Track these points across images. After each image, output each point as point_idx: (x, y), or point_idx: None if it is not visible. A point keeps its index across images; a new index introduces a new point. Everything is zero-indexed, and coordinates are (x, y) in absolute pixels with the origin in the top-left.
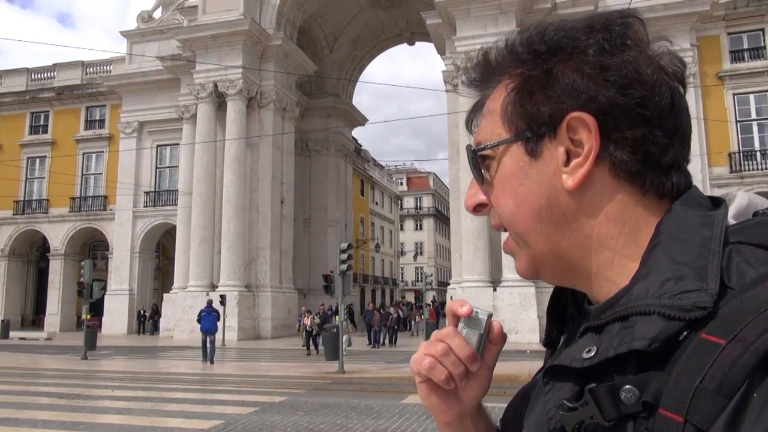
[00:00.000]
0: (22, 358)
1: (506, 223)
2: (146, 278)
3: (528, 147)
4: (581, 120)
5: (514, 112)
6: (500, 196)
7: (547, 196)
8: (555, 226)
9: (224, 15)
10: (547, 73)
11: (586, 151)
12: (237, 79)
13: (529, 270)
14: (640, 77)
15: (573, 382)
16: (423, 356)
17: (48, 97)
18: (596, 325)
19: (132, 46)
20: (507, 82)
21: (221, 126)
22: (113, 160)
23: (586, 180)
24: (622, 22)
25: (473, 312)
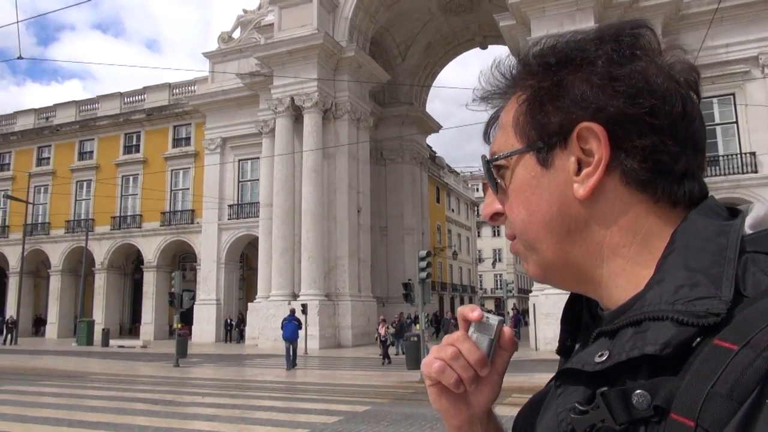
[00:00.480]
0: (120, 365)
1: (518, 231)
2: (231, 288)
3: (539, 157)
4: (591, 130)
5: (525, 123)
6: (513, 205)
7: (558, 205)
8: (566, 234)
9: (299, 31)
10: (557, 84)
11: (596, 160)
12: (313, 92)
13: (538, 274)
14: (649, 87)
15: (585, 385)
16: (433, 359)
17: (139, 118)
18: (609, 329)
19: (214, 66)
20: (519, 94)
21: (298, 138)
22: (199, 175)
23: (598, 189)
24: (631, 32)
25: (484, 317)
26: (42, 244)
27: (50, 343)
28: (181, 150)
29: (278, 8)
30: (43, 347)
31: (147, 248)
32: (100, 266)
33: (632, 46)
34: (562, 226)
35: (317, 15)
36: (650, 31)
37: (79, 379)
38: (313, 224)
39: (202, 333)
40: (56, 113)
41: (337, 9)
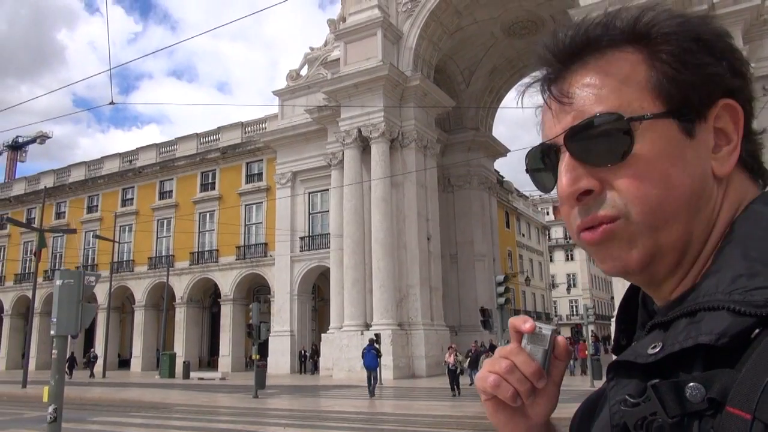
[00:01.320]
0: (202, 397)
1: (643, 209)
2: (305, 319)
3: (684, 126)
4: (732, 108)
5: (669, 85)
6: (642, 178)
7: (701, 181)
8: (696, 213)
9: (364, 63)
10: (702, 49)
11: (737, 138)
12: (379, 122)
13: (641, 263)
14: (748, 71)
15: (638, 378)
16: (488, 374)
17: (214, 157)
18: (663, 321)
19: (283, 103)
20: (646, 52)
21: (366, 169)
22: (271, 209)
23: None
24: (711, 17)
25: (536, 328)
26: (127, 280)
27: (135, 375)
28: (253, 185)
29: (344, 43)
30: (129, 380)
31: (223, 282)
32: (180, 300)
33: (722, 32)
34: (698, 204)
35: (381, 47)
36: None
37: (165, 410)
38: (383, 253)
39: (277, 364)
40: (138, 156)
41: (401, 40)
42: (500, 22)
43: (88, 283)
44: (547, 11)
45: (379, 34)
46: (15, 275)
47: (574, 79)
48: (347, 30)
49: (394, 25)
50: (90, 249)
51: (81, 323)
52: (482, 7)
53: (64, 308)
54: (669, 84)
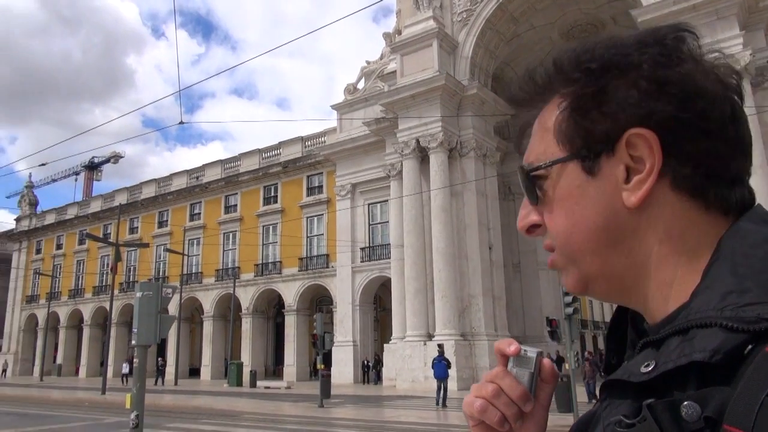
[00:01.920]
0: (268, 405)
1: (559, 243)
2: (367, 329)
3: (585, 165)
4: (641, 136)
5: (569, 131)
6: (555, 216)
7: (605, 215)
8: (612, 245)
9: (421, 74)
10: (601, 90)
11: (648, 167)
12: (437, 132)
13: (578, 287)
14: (699, 90)
15: (631, 398)
16: (474, 398)
17: (276, 171)
18: (655, 339)
19: (341, 116)
20: (559, 100)
21: (425, 179)
22: (332, 220)
23: (648, 197)
24: (674, 36)
25: (521, 351)
26: (196, 291)
27: (205, 383)
28: (314, 198)
29: (400, 55)
30: (199, 388)
31: (287, 293)
32: (246, 311)
33: (677, 50)
34: (608, 237)
35: (438, 57)
36: (691, 35)
37: (234, 417)
38: (444, 263)
39: (341, 374)
40: (204, 172)
41: (457, 49)
42: (558, 26)
43: (166, 294)
44: (608, 13)
45: (435, 44)
46: (93, 287)
47: (531, 127)
48: (403, 42)
49: (449, 35)
50: (161, 262)
51: (159, 333)
52: (539, 13)
53: (144, 319)
54: (566, 129)
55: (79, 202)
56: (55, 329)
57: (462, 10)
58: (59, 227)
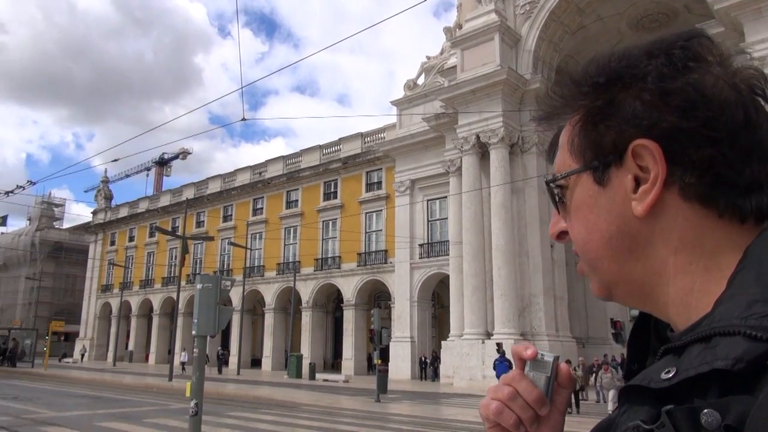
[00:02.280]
0: (327, 398)
1: (579, 250)
2: (424, 326)
3: (596, 176)
4: (645, 147)
5: (579, 144)
6: (573, 225)
7: (617, 224)
8: (627, 253)
9: (482, 69)
10: (608, 102)
11: (652, 177)
12: (498, 127)
13: (602, 293)
14: (704, 98)
15: (650, 404)
16: (490, 401)
17: (336, 167)
18: (676, 346)
19: (401, 112)
20: (573, 115)
21: (485, 175)
22: (390, 216)
23: (658, 206)
24: (683, 44)
25: (538, 355)
26: (258, 284)
27: (265, 374)
28: (373, 194)
29: (460, 50)
30: (260, 378)
31: (346, 287)
32: (306, 305)
33: (685, 58)
34: (622, 245)
35: (499, 51)
36: (706, 40)
37: (293, 408)
38: (504, 261)
39: (398, 369)
40: (267, 168)
41: (519, 43)
42: (627, 17)
43: (225, 287)
44: (681, 1)
45: (497, 38)
46: (162, 278)
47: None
48: (464, 36)
49: (511, 28)
50: (225, 255)
51: (218, 324)
52: (607, 3)
53: (203, 310)
54: (578, 142)
55: (150, 197)
56: (127, 317)
57: (525, 2)
58: (131, 220)
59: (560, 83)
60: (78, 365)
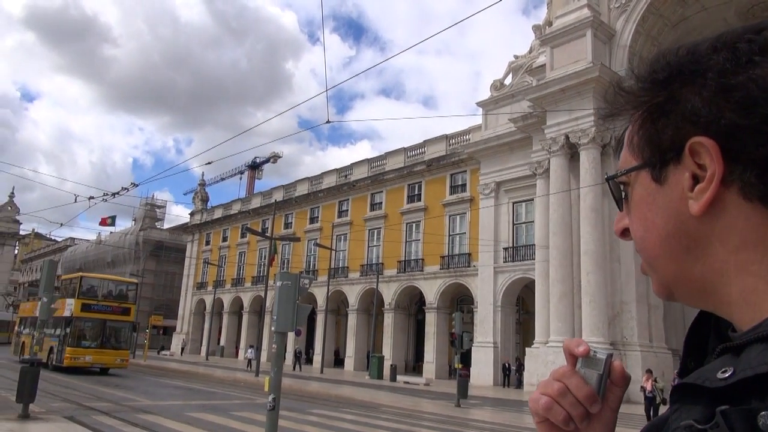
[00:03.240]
0: (407, 400)
1: (638, 248)
2: (508, 331)
3: (654, 173)
4: (702, 144)
5: (639, 141)
6: (633, 222)
7: (674, 222)
8: (685, 252)
9: (572, 67)
10: (668, 99)
11: (708, 175)
12: (589, 127)
13: (662, 292)
14: (766, 95)
15: (704, 404)
16: (540, 395)
17: (420, 170)
18: (735, 345)
19: (487, 113)
20: (634, 111)
21: (575, 177)
22: (474, 219)
23: (716, 204)
24: (749, 38)
25: (591, 351)
26: (342, 285)
27: (348, 374)
28: (457, 196)
29: (550, 48)
30: (342, 377)
31: (428, 290)
32: (388, 306)
33: (750, 52)
34: (680, 244)
35: (591, 47)
36: None
37: (373, 409)
38: (594, 266)
39: (479, 375)
40: (353, 171)
41: (614, 38)
42: (735, 5)
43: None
44: None
45: (589, 34)
46: (252, 277)
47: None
48: (554, 33)
49: (605, 23)
50: (311, 256)
51: (297, 321)
52: None
53: (282, 307)
54: (638, 139)
55: (242, 199)
56: (220, 314)
57: None
58: (225, 221)
59: (627, 80)
60: (174, 358)
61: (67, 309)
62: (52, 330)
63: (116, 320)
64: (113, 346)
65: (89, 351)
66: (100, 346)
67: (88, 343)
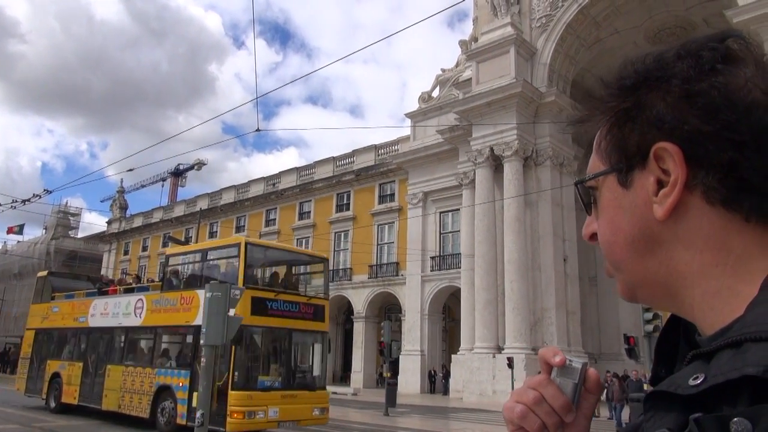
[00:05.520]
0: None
1: (604, 251)
2: (435, 339)
3: (620, 178)
4: (666, 150)
5: (607, 146)
6: (601, 226)
7: (639, 226)
8: (650, 255)
9: (497, 82)
10: (635, 105)
11: (672, 180)
12: (512, 140)
13: (627, 294)
14: (729, 102)
15: (677, 411)
16: (515, 404)
17: (349, 179)
18: (705, 351)
19: (415, 124)
20: (602, 117)
21: (499, 188)
22: (402, 228)
23: (680, 208)
24: (713, 46)
25: (567, 361)
26: None
27: None
28: (386, 206)
29: (476, 63)
30: None
31: (356, 300)
32: None
33: (713, 60)
34: (645, 247)
35: (515, 64)
36: (742, 41)
37: None
38: (517, 274)
39: (407, 383)
40: (281, 179)
41: (535, 56)
42: (644, 30)
43: (234, 296)
44: (700, 14)
45: (512, 51)
46: None
47: None
48: (480, 49)
49: (527, 41)
50: None
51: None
52: (623, 16)
53: (212, 319)
54: (605, 144)
55: (164, 207)
56: None
57: (541, 16)
58: (146, 230)
59: (598, 86)
60: None
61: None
62: (163, 358)
63: (305, 330)
64: (304, 384)
65: (272, 397)
66: (286, 386)
67: (269, 381)
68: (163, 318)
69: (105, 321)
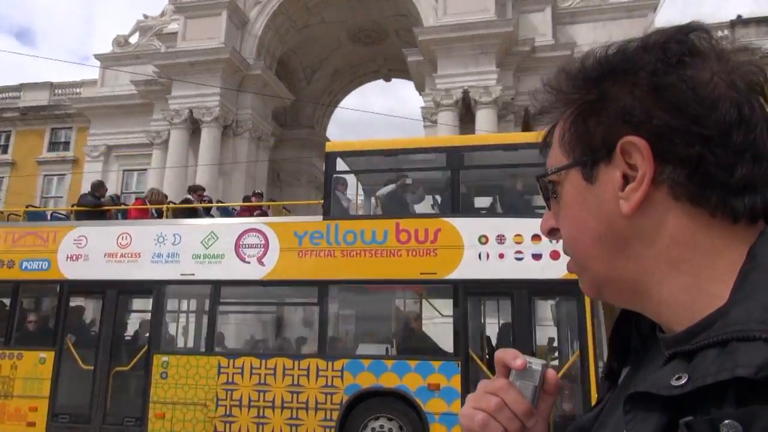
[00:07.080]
0: None
1: (568, 248)
2: None
3: (585, 173)
4: (633, 144)
5: (570, 139)
6: (564, 222)
7: (606, 222)
8: (617, 252)
9: (204, 43)
10: (600, 97)
11: (639, 175)
12: (214, 106)
13: (592, 291)
14: (696, 96)
15: (659, 412)
16: (474, 411)
17: (12, 116)
18: (687, 350)
19: (104, 69)
20: (566, 109)
21: (194, 153)
22: (76, 183)
23: (646, 204)
24: (679, 39)
25: (527, 364)
26: None
27: None
28: (58, 155)
29: (184, 18)
30: None
31: None
32: None
33: (680, 53)
34: (611, 243)
35: (225, 29)
36: (704, 35)
37: None
38: None
39: None
40: None
41: (247, 26)
42: (347, 27)
43: None
44: (393, 25)
45: (224, 15)
46: None
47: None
48: (191, 4)
49: (240, 9)
50: None
51: None
52: (332, 8)
53: None
54: (569, 138)
55: None
56: None
57: None
58: None
59: (556, 76)
60: None
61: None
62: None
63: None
64: None
65: None
66: None
67: None
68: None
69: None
